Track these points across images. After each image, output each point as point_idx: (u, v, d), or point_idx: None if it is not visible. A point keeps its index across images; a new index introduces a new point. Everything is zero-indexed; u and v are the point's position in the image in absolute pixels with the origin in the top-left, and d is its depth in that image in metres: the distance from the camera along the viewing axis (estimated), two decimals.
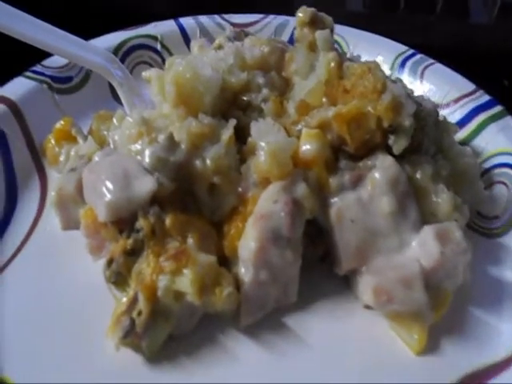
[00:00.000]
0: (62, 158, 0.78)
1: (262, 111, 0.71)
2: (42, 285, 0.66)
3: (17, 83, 0.86)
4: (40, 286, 0.66)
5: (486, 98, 0.87)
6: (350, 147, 0.66)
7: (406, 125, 0.64)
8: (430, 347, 0.62)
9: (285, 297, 0.64)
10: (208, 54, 0.77)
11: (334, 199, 0.65)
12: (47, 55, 0.87)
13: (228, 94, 0.71)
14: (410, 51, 0.98)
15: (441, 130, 0.74)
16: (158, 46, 1.01)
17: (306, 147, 0.65)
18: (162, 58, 1.00)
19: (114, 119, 0.75)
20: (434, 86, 0.92)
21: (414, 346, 0.62)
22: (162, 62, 0.99)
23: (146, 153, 0.64)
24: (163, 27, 1.02)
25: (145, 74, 0.78)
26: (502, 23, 1.16)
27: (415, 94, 0.76)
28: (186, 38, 1.01)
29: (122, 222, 0.62)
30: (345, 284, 0.67)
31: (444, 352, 0.62)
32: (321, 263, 0.68)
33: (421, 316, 0.61)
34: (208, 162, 0.64)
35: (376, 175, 0.65)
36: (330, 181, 0.65)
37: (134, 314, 0.58)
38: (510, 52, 1.13)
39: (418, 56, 0.97)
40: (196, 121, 0.66)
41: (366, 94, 0.66)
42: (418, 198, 0.66)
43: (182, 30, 1.03)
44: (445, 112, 0.87)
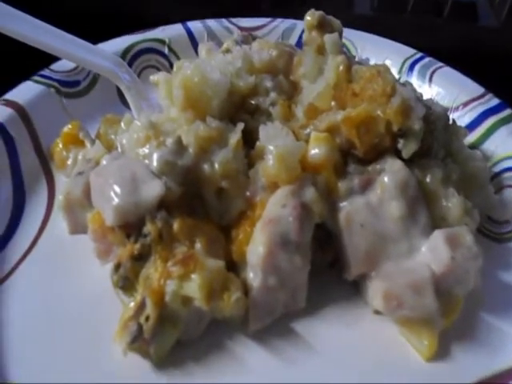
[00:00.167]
0: (70, 162, 0.77)
1: (270, 115, 0.71)
2: (50, 289, 0.66)
3: (24, 87, 0.86)
4: (47, 290, 0.66)
5: (495, 102, 0.87)
6: (359, 151, 0.65)
7: (416, 128, 0.64)
8: (440, 353, 0.61)
9: (293, 302, 0.63)
10: (216, 57, 0.76)
11: (342, 203, 0.65)
12: (55, 59, 0.88)
13: (236, 97, 0.71)
14: (419, 54, 0.97)
15: (450, 134, 0.74)
16: (166, 50, 1.01)
17: (315, 151, 0.64)
18: (170, 62, 1.00)
19: (122, 123, 0.75)
20: (442, 89, 0.92)
21: (424, 352, 0.61)
22: (170, 65, 0.99)
23: (154, 157, 0.64)
24: (171, 31, 1.02)
25: (152, 77, 0.78)
26: (510, 26, 1.15)
27: (424, 98, 0.75)
28: (194, 42, 1.01)
29: (130, 227, 0.61)
30: (354, 289, 0.67)
31: (455, 358, 0.62)
32: (330, 269, 0.68)
33: (431, 322, 0.61)
34: (216, 165, 0.64)
35: (385, 179, 0.64)
36: (339, 185, 0.65)
37: (142, 319, 0.57)
38: None
39: (427, 59, 0.96)
40: (204, 124, 0.66)
41: (375, 98, 0.65)
42: (428, 202, 0.65)
43: (190, 33, 1.02)
44: (454, 115, 0.87)
